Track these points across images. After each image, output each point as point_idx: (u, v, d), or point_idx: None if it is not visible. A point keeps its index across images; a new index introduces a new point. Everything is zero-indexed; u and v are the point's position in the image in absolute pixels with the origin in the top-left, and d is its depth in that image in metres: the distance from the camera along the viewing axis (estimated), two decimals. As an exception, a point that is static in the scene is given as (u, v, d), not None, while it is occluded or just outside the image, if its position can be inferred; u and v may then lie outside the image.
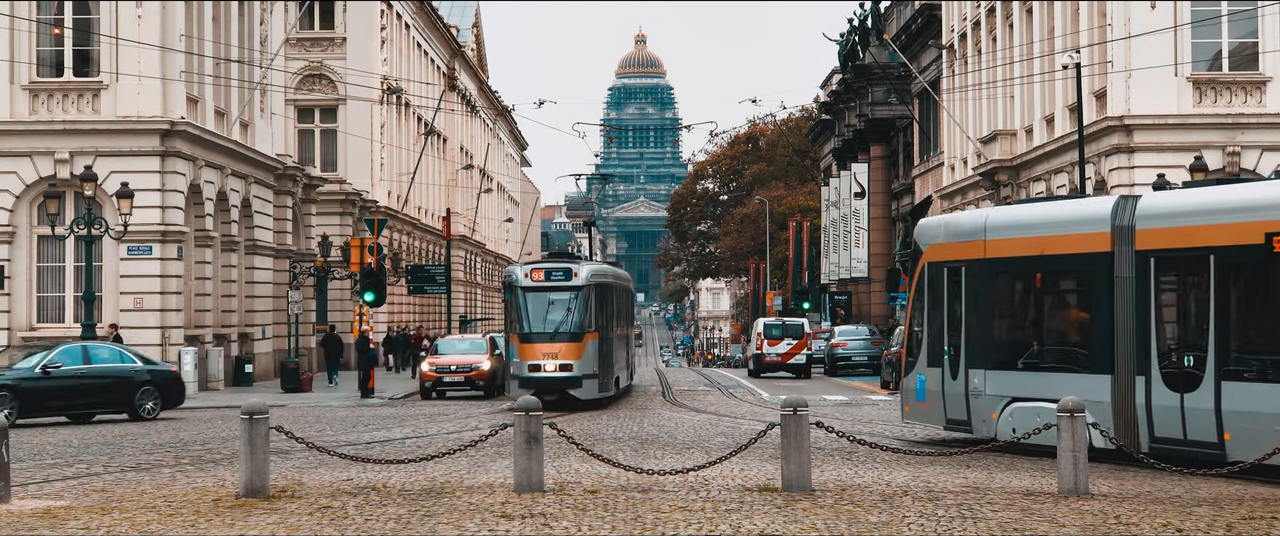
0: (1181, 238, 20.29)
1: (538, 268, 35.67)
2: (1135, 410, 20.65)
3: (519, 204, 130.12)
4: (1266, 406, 18.68)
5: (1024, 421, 21.73)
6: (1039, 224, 22.99)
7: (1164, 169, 35.31)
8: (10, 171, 38.99)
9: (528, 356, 34.76)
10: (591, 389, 35.04)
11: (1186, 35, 36.87)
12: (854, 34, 74.53)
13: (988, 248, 23.57)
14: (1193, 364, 19.89)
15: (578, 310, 34.98)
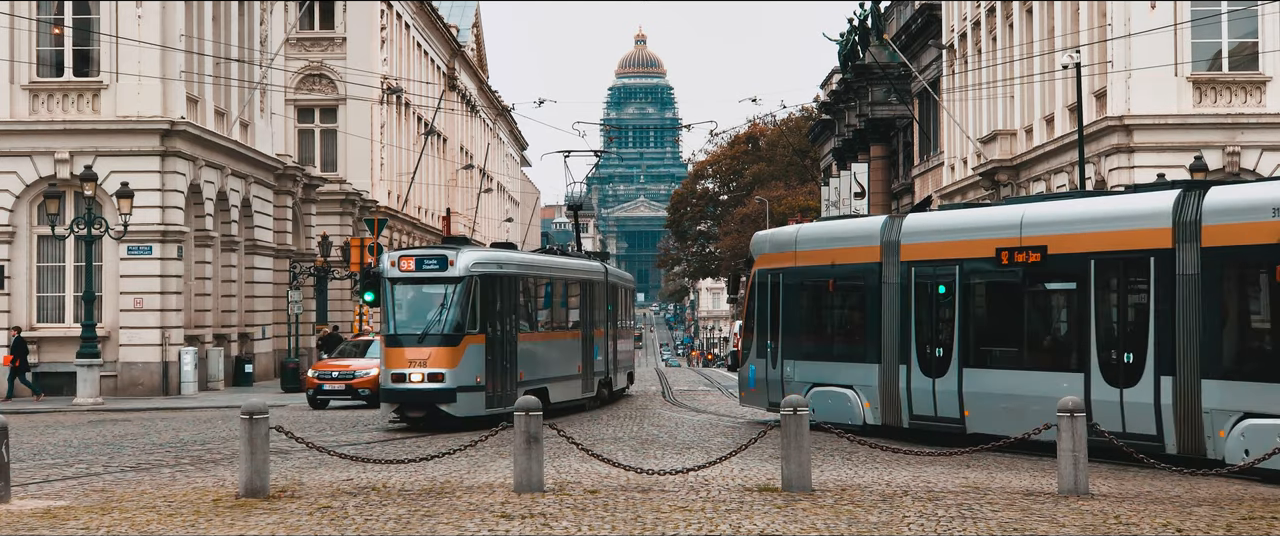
0: (935, 251, 25.07)
1: (408, 255, 29.28)
2: (899, 392, 25.49)
3: (519, 204, 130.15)
4: (997, 388, 23.46)
5: (821, 404, 26.76)
6: (833, 238, 28.10)
7: (1164, 169, 35.31)
8: (10, 171, 38.99)
9: (393, 363, 28.28)
10: (471, 404, 28.15)
11: (1186, 35, 36.86)
12: (854, 34, 74.52)
13: (797, 257, 28.74)
14: (942, 355, 24.56)
15: (454, 307, 28.32)
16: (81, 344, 36.74)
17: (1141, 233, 21.20)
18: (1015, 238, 23.31)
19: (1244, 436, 19.23)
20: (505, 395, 28.66)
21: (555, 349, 32.70)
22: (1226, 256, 19.95)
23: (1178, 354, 20.43)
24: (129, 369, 39.13)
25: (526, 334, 30.66)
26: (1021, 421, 21.20)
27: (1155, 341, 20.76)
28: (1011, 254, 23.33)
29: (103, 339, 38.30)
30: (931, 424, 24.56)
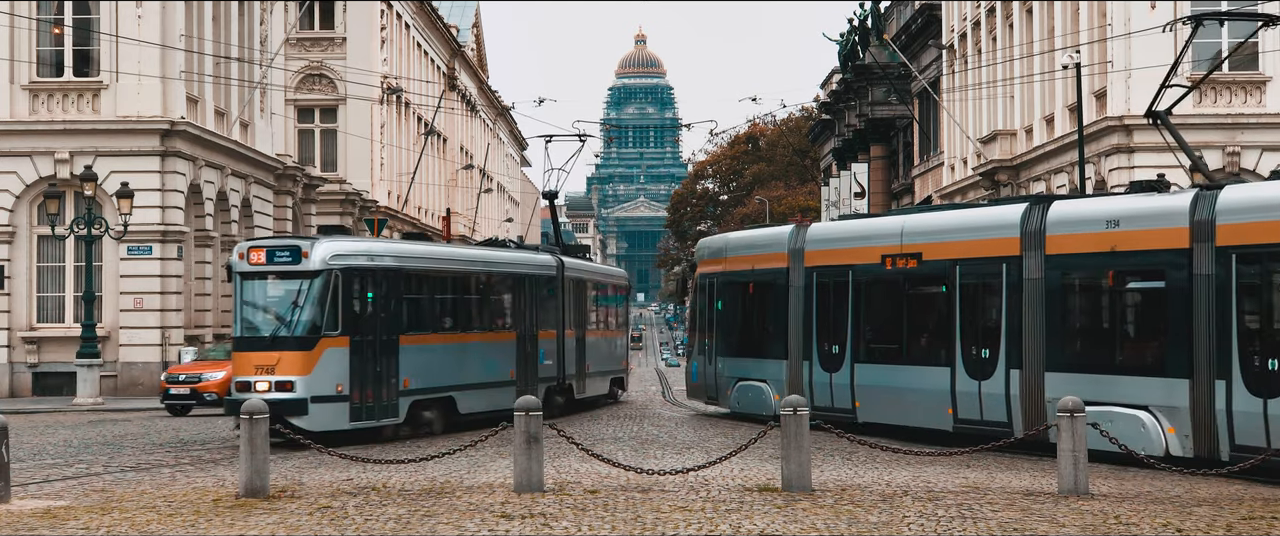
0: (833, 257, 28.04)
1: (258, 246, 25.71)
2: (802, 386, 28.40)
3: (519, 204, 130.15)
4: (882, 381, 26.41)
5: (743, 397, 30.97)
6: (753, 245, 31.29)
7: (1164, 169, 35.30)
8: (10, 171, 39.00)
9: (240, 370, 24.94)
10: (330, 416, 24.61)
11: (1186, 35, 36.87)
12: (854, 34, 74.51)
13: (727, 263, 31.97)
14: (837, 351, 27.61)
15: (308, 305, 24.82)
16: (81, 344, 36.74)
17: (996, 242, 23.82)
18: (897, 245, 26.14)
19: None
20: (381, 406, 25.46)
21: (469, 352, 28.80)
22: (1065, 263, 22.53)
23: (1024, 350, 23.01)
24: (129, 369, 39.13)
25: (418, 335, 26.91)
26: (904, 412, 24.70)
27: (1006, 339, 23.38)
28: (893, 260, 26.16)
29: (103, 339, 38.30)
30: (829, 413, 26.95)
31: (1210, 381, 19.95)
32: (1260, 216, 19.73)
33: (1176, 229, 20.73)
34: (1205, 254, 20.32)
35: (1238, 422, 19.40)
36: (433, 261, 28.74)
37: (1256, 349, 19.37)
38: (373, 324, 25.63)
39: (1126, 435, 20.08)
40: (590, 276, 36.74)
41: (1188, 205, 20.78)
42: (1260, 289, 19.68)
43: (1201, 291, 20.30)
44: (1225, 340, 19.79)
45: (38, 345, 39.29)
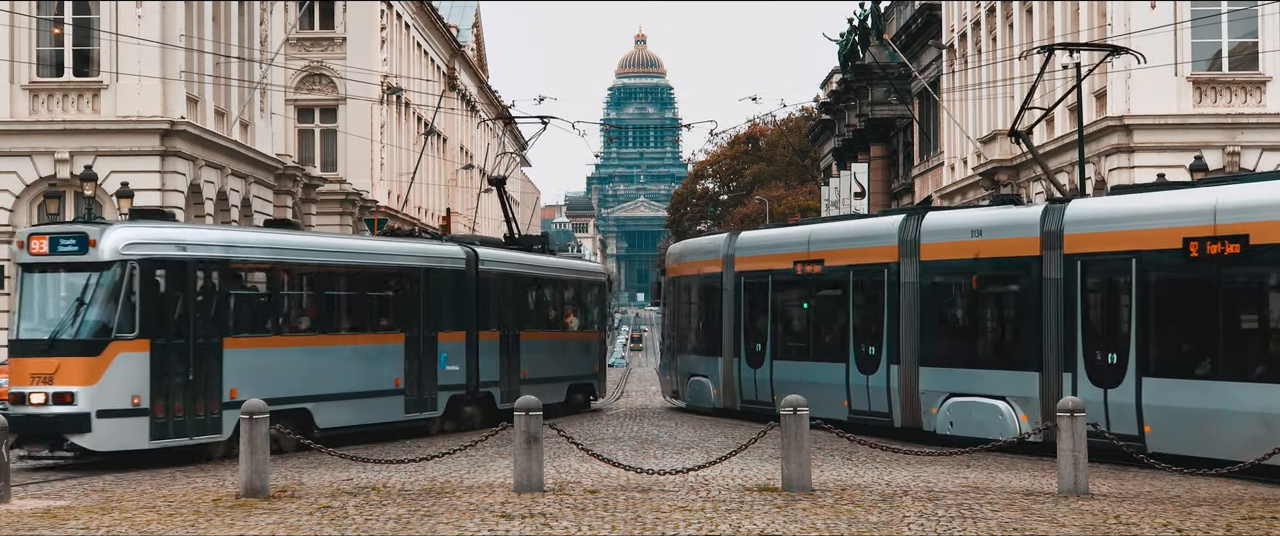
0: (757, 263, 31.07)
1: (40, 233, 22.07)
2: (733, 381, 31.56)
3: (519, 204, 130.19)
4: (794, 376, 28.96)
5: (692, 391, 33.98)
6: (698, 251, 34.55)
7: (1164, 169, 35.31)
8: (10, 171, 38.98)
9: (15, 379, 21.48)
10: (122, 433, 21.21)
11: (1186, 35, 36.86)
12: (854, 34, 74.51)
13: (681, 268, 35.12)
14: (760, 349, 30.55)
15: (97, 302, 21.37)
16: (81, 344, 36.72)
17: (880, 249, 26.62)
18: (805, 252, 29.15)
19: (949, 411, 24.52)
20: (197, 420, 22.05)
21: (332, 358, 25.11)
22: (936, 268, 25.20)
23: (902, 347, 25.80)
24: (129, 369, 39.11)
25: (252, 338, 23.50)
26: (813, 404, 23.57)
27: (888, 337, 26.19)
28: (803, 266, 29.06)
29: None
30: (755, 406, 30.58)
31: (1058, 374, 22.42)
32: (1101, 227, 22.28)
33: (1029, 238, 23.29)
34: (1053, 261, 22.78)
35: None
36: (275, 252, 24.57)
37: (1097, 345, 21.90)
38: (186, 325, 22.07)
39: (986, 422, 23.28)
40: (532, 270, 32.64)
41: (1038, 216, 23.39)
42: (1101, 292, 22.14)
43: (1050, 294, 22.81)
44: (1071, 337, 22.29)
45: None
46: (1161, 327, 21.23)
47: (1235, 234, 19.98)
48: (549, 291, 33.94)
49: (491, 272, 30.08)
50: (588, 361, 35.80)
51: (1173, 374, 20.85)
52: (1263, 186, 20.69)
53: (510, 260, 31.67)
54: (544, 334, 33.14)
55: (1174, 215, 21.13)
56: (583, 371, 35.44)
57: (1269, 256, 19.53)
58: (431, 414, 27.71)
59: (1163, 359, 21.10)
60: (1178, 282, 21.16)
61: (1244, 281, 20.35)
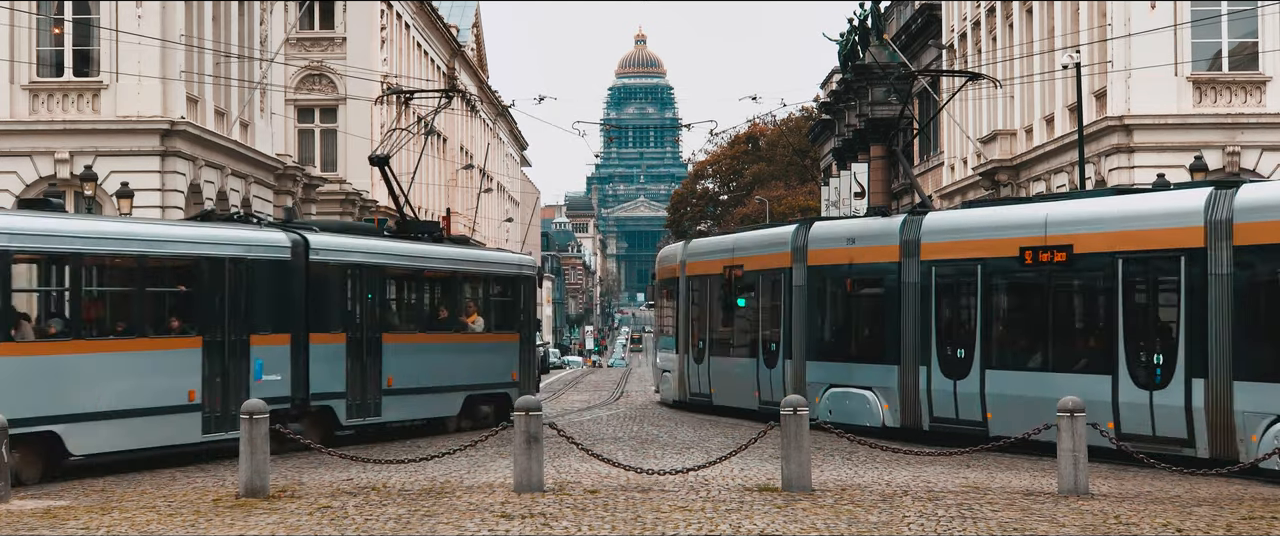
0: (701, 268, 33.98)
1: None
2: (684, 374, 34.77)
3: (519, 204, 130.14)
4: (724, 371, 32.63)
5: (662, 385, 37.63)
6: (667, 258, 37.40)
7: (1164, 169, 35.25)
8: (10, 171, 38.96)
9: None
10: None
11: (1186, 35, 36.86)
12: (854, 34, 74.46)
13: (661, 272, 37.67)
14: (702, 346, 33.84)
15: None
16: (81, 344, 36.69)
17: (778, 255, 29.76)
18: (730, 258, 32.43)
19: (829, 400, 27.59)
20: None
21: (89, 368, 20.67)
22: (820, 273, 28.52)
23: (794, 343, 29.02)
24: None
25: None
26: (736, 396, 31.56)
27: (783, 334, 29.42)
28: (729, 270, 32.18)
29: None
30: (698, 398, 34.05)
31: (915, 367, 25.28)
32: (952, 237, 25.06)
33: (891, 246, 26.16)
34: (911, 267, 25.60)
35: (935, 399, 24.91)
36: (10, 237, 19.80)
37: (949, 341, 24.71)
38: None
39: (856, 410, 26.49)
40: (404, 261, 27.87)
41: (899, 226, 26.18)
42: (952, 294, 24.92)
43: (909, 296, 25.61)
44: (927, 334, 25.12)
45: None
46: (1001, 326, 24.14)
47: (1062, 244, 22.67)
48: (435, 287, 29.12)
49: (331, 263, 25.21)
50: (500, 368, 30.14)
51: (1010, 366, 23.64)
52: (1085, 202, 23.54)
53: (363, 249, 26.47)
54: (424, 336, 28.02)
55: (1013, 226, 23.88)
56: (490, 380, 29.82)
57: (1088, 263, 22.28)
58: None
59: (1002, 353, 23.89)
60: (1015, 286, 24.00)
61: (1068, 285, 23.12)
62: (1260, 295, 19.83)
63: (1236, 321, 19.89)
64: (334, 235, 26.30)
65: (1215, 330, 20.13)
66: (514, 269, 31.61)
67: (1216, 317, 20.13)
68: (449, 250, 29.65)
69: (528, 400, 17.56)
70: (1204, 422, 20.07)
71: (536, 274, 32.73)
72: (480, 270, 30.34)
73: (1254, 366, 19.62)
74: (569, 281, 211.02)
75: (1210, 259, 20.30)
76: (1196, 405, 20.19)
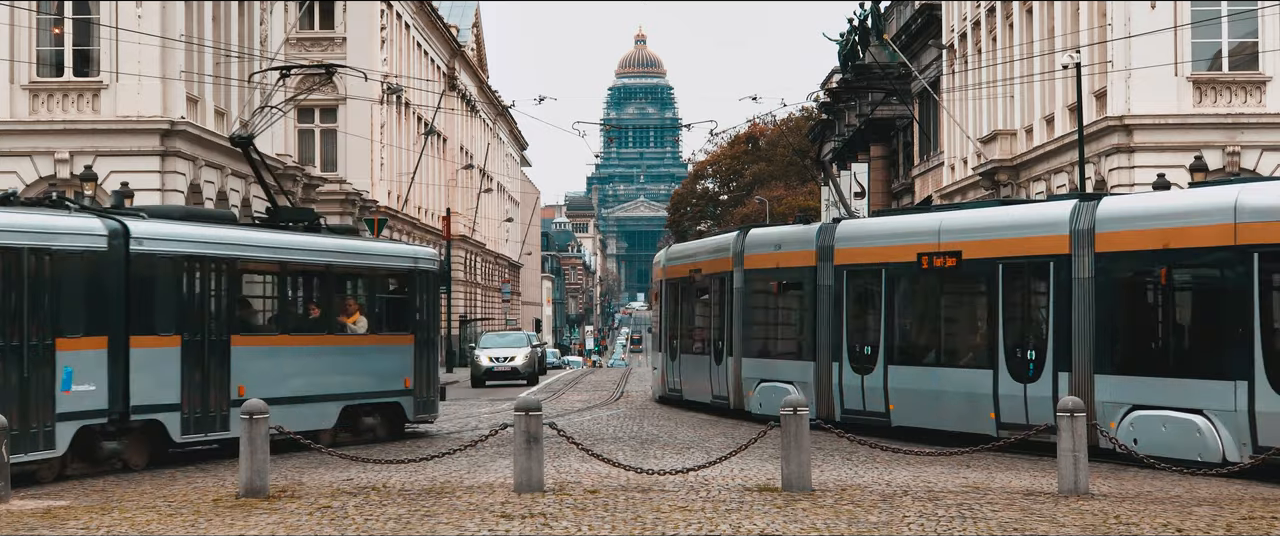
0: (675, 272, 36.63)
1: None
2: (665, 372, 37.07)
3: (519, 204, 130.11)
4: (690, 368, 34.81)
5: (654, 384, 39.57)
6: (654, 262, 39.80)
7: (1164, 169, 35.25)
8: (10, 171, 38.94)
9: None
10: None
11: (1186, 35, 36.85)
12: (854, 34, 74.46)
13: (659, 273, 39.04)
14: (675, 345, 36.02)
15: None
16: (81, 344, 36.64)
17: (720, 261, 32.46)
18: (692, 263, 35.17)
19: (759, 394, 29.86)
20: None
21: None
22: (752, 276, 30.97)
23: (736, 342, 31.37)
24: (129, 369, 39.04)
25: None
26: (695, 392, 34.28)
27: (729, 334, 31.72)
28: (693, 273, 34.76)
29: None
30: (672, 394, 36.36)
31: (830, 363, 27.62)
32: (860, 243, 27.46)
33: (808, 251, 28.41)
34: (826, 270, 27.88)
35: (845, 393, 27.22)
36: None
37: (858, 339, 26.95)
38: None
39: (774, 401, 27.07)
40: (261, 252, 24.40)
41: (815, 233, 28.56)
42: (861, 296, 27.25)
43: (824, 297, 27.91)
44: (839, 333, 27.40)
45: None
46: (902, 325, 26.31)
47: (953, 250, 24.64)
48: (303, 282, 25.55)
49: (160, 255, 21.79)
50: (388, 374, 26.54)
51: (910, 362, 25.84)
52: (973, 213, 25.69)
53: (204, 239, 22.94)
54: (287, 339, 24.50)
55: (912, 234, 25.95)
56: (375, 388, 26.31)
57: (974, 268, 24.28)
58: (45, 453, 19.38)
59: (903, 350, 26.10)
60: (913, 289, 26.15)
61: (958, 288, 25.25)
62: (1117, 297, 21.64)
63: (1097, 321, 21.62)
64: (167, 222, 22.63)
65: (1078, 329, 21.87)
66: (407, 262, 27.62)
67: (1080, 318, 21.86)
68: (323, 241, 25.72)
69: (527, 399, 17.54)
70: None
71: (437, 268, 28.70)
72: (364, 263, 26.68)
73: (1111, 361, 21.39)
74: (569, 281, 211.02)
75: (1074, 265, 22.05)
76: (1062, 396, 20.82)
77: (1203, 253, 20.05)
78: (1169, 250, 20.48)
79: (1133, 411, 20.66)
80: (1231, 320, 19.43)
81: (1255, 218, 19.26)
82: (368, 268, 26.83)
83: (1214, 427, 19.36)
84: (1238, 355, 19.11)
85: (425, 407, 27.48)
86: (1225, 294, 19.79)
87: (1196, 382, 19.81)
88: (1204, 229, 19.98)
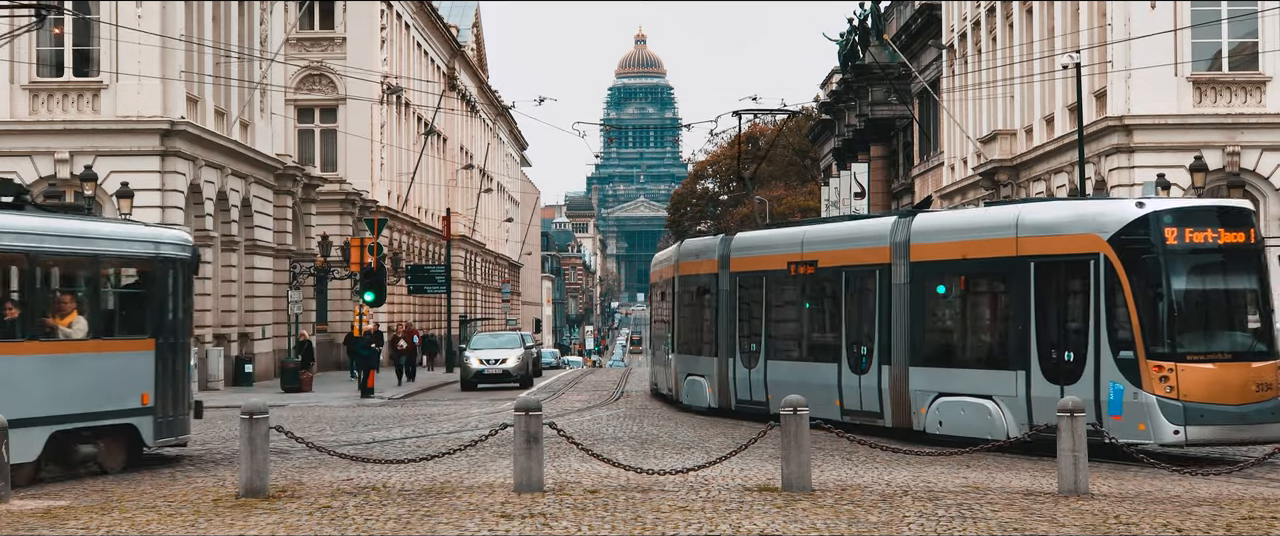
0: (658, 275, 39.03)
1: None
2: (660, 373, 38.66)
3: (519, 204, 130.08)
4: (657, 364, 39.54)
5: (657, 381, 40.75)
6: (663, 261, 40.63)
7: (1164, 169, 35.29)
8: (10, 171, 38.84)
9: None
10: None
11: (1186, 35, 36.85)
12: (854, 34, 74.43)
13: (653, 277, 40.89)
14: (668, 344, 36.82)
15: None
16: (81, 344, 36.59)
17: (670, 268, 35.91)
18: (661, 270, 37.32)
19: (687, 387, 33.87)
20: None
21: None
22: (686, 282, 34.36)
23: (675, 340, 35.17)
24: (129, 369, 38.98)
25: None
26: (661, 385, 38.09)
27: (670, 333, 35.72)
28: (661, 280, 37.54)
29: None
30: (655, 388, 39.79)
31: (726, 359, 31.34)
32: (748, 253, 30.99)
33: (711, 260, 32.44)
34: (724, 278, 31.67)
35: (737, 385, 30.89)
36: None
37: (746, 337, 30.74)
38: None
39: (697, 396, 33.07)
40: None
41: (717, 244, 32.30)
42: (748, 299, 30.72)
43: (722, 301, 31.66)
44: (732, 332, 31.14)
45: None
46: (777, 325, 29.94)
47: (811, 259, 28.24)
48: None
49: None
50: (116, 389, 20.84)
51: (782, 357, 29.43)
52: (828, 226, 29.67)
53: None
54: None
55: (784, 245, 29.53)
56: (98, 407, 20.41)
57: (826, 275, 27.83)
58: None
59: (777, 346, 29.72)
60: (785, 293, 29.62)
61: (815, 292, 28.56)
62: (927, 301, 25.06)
63: (911, 321, 25.10)
64: None
65: (897, 328, 25.38)
66: (146, 248, 21.75)
67: (898, 318, 25.35)
68: (24, 221, 19.86)
69: (527, 400, 17.53)
70: (889, 399, 25.50)
71: (190, 255, 22.68)
72: (85, 250, 20.70)
73: (923, 355, 24.87)
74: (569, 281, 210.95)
75: (894, 272, 25.55)
76: (885, 386, 25.60)
77: (992, 262, 23.36)
78: (966, 260, 23.95)
79: (939, 398, 24.02)
80: (1014, 320, 22.65)
81: (1032, 233, 22.52)
82: (90, 255, 20.81)
83: (1001, 410, 22.65)
84: (1018, 350, 22.42)
85: (171, 428, 21.68)
86: (1009, 297, 22.93)
87: (987, 373, 23.18)
88: (993, 242, 23.33)
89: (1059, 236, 22.10)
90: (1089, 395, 20.90)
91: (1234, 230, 21.29)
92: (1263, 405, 20.73)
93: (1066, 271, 21.86)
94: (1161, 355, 20.59)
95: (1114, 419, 20.66)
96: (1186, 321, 21.18)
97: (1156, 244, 20.91)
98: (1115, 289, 20.97)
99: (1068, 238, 21.90)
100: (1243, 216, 21.64)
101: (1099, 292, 21.16)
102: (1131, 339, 20.73)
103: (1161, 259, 20.87)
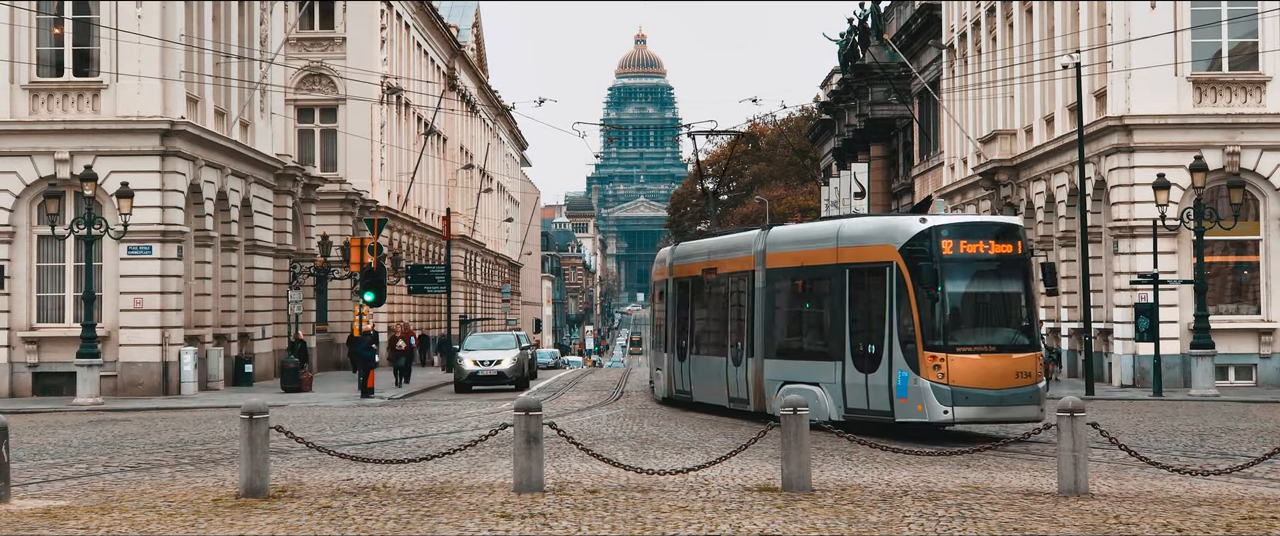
0: (655, 275, 39.15)
1: None
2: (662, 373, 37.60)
3: (519, 204, 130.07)
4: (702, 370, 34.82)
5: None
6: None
7: (1164, 169, 35.31)
8: (10, 171, 38.96)
9: None
10: None
11: (1186, 35, 36.88)
12: (854, 34, 74.48)
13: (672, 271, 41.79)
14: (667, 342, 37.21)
15: None
16: (81, 344, 36.71)
17: (662, 269, 36.83)
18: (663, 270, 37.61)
19: (655, 380, 37.49)
20: None
21: None
22: (660, 286, 36.96)
23: (667, 337, 36.04)
24: (129, 369, 39.10)
25: None
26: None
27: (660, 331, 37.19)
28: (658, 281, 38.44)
29: (103, 339, 38.28)
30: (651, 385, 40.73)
31: (671, 355, 35.06)
32: (684, 261, 34.61)
33: (664, 267, 36.25)
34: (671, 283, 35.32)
35: (674, 378, 34.91)
36: None
37: (679, 335, 34.52)
38: None
39: (657, 387, 36.91)
40: None
41: (668, 253, 36.20)
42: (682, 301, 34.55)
43: (669, 304, 35.37)
44: (672, 331, 35.01)
45: (38, 345, 39.25)
46: (697, 323, 33.65)
47: (714, 266, 32.24)
48: None
49: None
50: None
51: (701, 352, 33.23)
52: (726, 238, 32.89)
53: None
54: None
55: (702, 253, 33.37)
56: None
57: (722, 279, 31.62)
58: None
59: (697, 343, 33.51)
60: (702, 296, 33.28)
61: (716, 295, 32.19)
62: (776, 302, 28.99)
63: (766, 320, 29.14)
64: None
65: (758, 326, 29.31)
66: None
67: (759, 317, 29.34)
68: None
69: (527, 399, 17.55)
70: (754, 387, 29.42)
71: None
72: None
73: (774, 349, 28.85)
74: (569, 281, 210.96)
75: (756, 278, 29.43)
76: (750, 377, 29.56)
77: (819, 269, 27.16)
78: (803, 267, 27.85)
79: (785, 385, 27.69)
80: (834, 318, 26.34)
81: (848, 243, 26.20)
82: None
83: (825, 395, 26.30)
84: (837, 343, 26.14)
85: None
86: (831, 299, 26.52)
87: (815, 364, 26.95)
88: (821, 251, 27.11)
89: (866, 247, 25.70)
90: (885, 382, 24.77)
91: (1003, 242, 24.66)
92: (1020, 390, 24.21)
93: (870, 277, 25.37)
94: (936, 347, 24.07)
95: (901, 401, 24.44)
96: (957, 319, 24.49)
97: (935, 254, 24.27)
98: (903, 292, 24.47)
99: (872, 248, 25.44)
100: (1012, 231, 24.95)
101: (892, 295, 24.69)
102: (913, 333, 24.25)
103: (938, 266, 24.20)
